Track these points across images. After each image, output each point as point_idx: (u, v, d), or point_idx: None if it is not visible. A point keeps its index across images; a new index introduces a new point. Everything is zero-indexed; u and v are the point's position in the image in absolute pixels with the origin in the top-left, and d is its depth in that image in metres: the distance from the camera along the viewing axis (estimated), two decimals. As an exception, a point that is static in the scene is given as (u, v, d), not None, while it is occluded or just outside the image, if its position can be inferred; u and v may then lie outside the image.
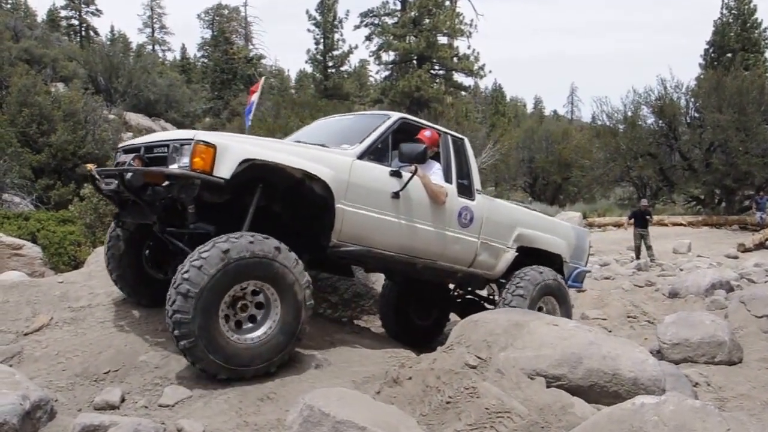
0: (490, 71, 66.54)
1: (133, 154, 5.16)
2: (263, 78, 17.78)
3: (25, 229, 12.91)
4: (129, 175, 4.94)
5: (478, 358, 4.33)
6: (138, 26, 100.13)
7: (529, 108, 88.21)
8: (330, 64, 48.40)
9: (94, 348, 5.20)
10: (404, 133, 6.13)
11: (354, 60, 58.70)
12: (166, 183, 4.74)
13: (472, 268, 6.45)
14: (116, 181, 5.11)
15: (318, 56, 48.11)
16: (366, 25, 46.32)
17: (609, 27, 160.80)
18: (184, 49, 73.89)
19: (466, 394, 3.86)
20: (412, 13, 43.59)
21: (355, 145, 5.58)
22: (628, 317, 9.36)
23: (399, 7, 45.58)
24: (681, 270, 14.61)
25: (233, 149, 4.66)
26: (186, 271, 4.28)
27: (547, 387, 4.21)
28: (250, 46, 63.14)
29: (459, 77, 46.42)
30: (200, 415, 4.03)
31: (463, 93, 49.37)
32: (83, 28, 67.06)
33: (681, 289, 10.46)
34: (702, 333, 6.41)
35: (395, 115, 6.09)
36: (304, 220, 5.40)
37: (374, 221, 5.49)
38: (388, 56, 46.02)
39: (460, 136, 6.66)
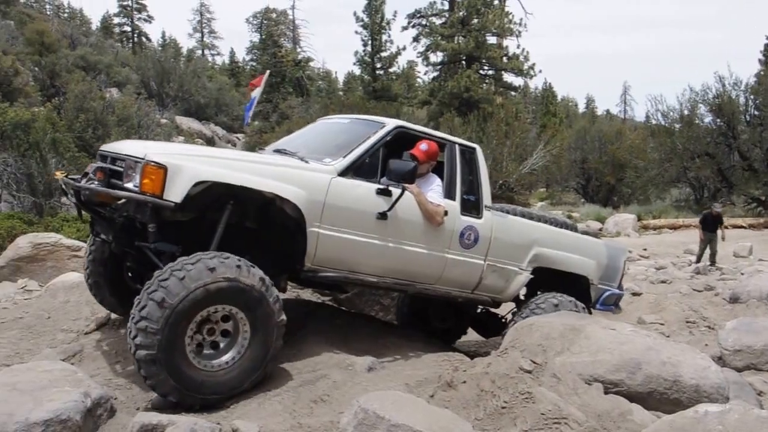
0: (540, 71, 65.94)
1: (97, 165, 4.91)
2: (267, 72, 17.05)
3: (83, 231, 13.22)
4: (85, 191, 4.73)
5: (534, 362, 4.27)
6: (188, 31, 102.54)
7: (581, 107, 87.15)
8: (378, 65, 48.42)
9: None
10: (404, 142, 5.69)
11: (402, 61, 58.92)
12: (121, 201, 4.58)
13: (477, 292, 5.96)
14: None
15: (366, 58, 48.18)
16: (414, 26, 46.14)
17: (663, 22, 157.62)
18: (233, 53, 75.10)
19: (522, 399, 3.80)
20: (461, 13, 43.29)
21: (338, 160, 5.07)
22: (687, 322, 9.07)
23: (447, 7, 45.30)
24: (742, 274, 14.12)
25: (186, 170, 4.29)
26: (144, 307, 4.01)
27: (605, 393, 4.13)
28: (298, 49, 63.80)
29: (509, 77, 45.91)
30: (254, 416, 4.07)
31: (513, 93, 48.85)
32: (135, 35, 68.77)
33: (742, 294, 10.08)
34: (766, 339, 6.19)
35: (391, 124, 5.52)
36: (277, 240, 5.06)
37: (356, 245, 5.04)
38: (437, 57, 45.76)
39: (471, 144, 6.07)
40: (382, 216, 5.09)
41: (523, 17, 45.48)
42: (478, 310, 7.22)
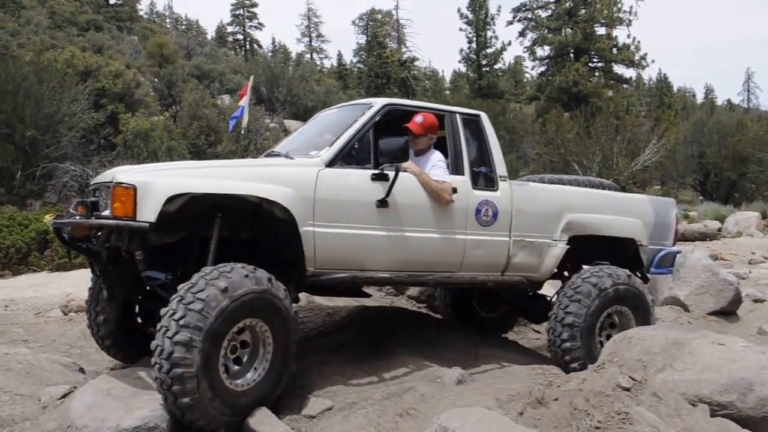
0: (652, 61, 62.97)
1: (78, 200, 4.76)
2: (251, 78, 16.11)
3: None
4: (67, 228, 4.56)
5: (632, 379, 4.03)
6: (296, 36, 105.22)
7: (699, 98, 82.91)
8: (483, 62, 47.95)
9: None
10: (397, 120, 5.23)
11: (508, 57, 58.04)
12: (96, 233, 4.37)
13: (508, 273, 5.43)
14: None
15: (471, 55, 47.81)
16: (519, 20, 45.41)
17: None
18: (340, 55, 76.68)
19: (618, 419, 3.58)
20: (567, 5, 42.24)
21: (324, 150, 4.72)
22: (819, 336, 8.35)
23: (553, -1, 44.37)
24: None
25: (156, 186, 4.01)
26: (183, 317, 3.75)
27: (711, 416, 3.84)
28: (404, 49, 64.09)
29: (619, 69, 44.39)
30: (338, 429, 4.07)
31: (624, 86, 47.15)
32: (247, 42, 71.25)
33: None
34: None
35: (378, 103, 5.08)
36: (277, 249, 4.73)
37: (358, 240, 4.65)
38: (543, 51, 44.93)
39: (474, 112, 5.57)
40: (382, 203, 4.68)
41: (633, 5, 43.72)
42: (529, 293, 6.36)
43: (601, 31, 42.71)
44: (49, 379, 4.87)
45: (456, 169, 5.19)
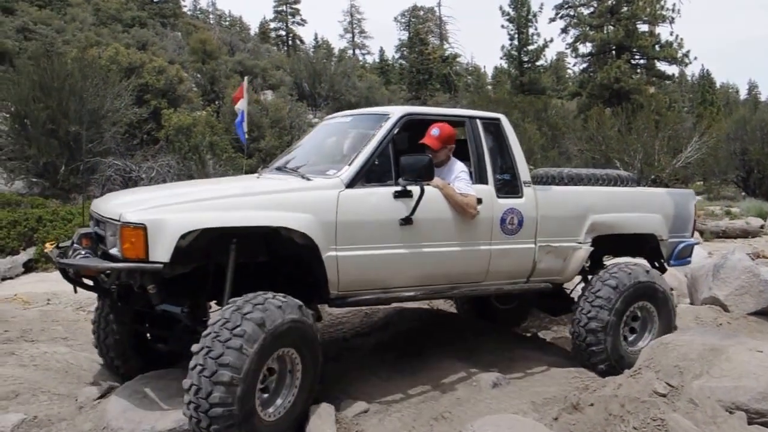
0: (695, 58, 61.63)
1: (82, 232, 4.50)
2: (246, 79, 14.89)
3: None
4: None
5: (669, 385, 4.01)
6: (339, 32, 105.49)
7: (743, 94, 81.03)
8: (525, 59, 47.65)
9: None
10: (414, 129, 5.08)
11: (550, 54, 57.44)
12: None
13: (532, 279, 5.31)
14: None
15: (513, 52, 47.55)
16: (561, 17, 44.91)
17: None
18: (382, 51, 76.64)
19: (654, 426, 3.59)
20: (610, 2, 41.62)
21: (343, 169, 4.44)
22: None
23: (595, -4, 43.81)
24: None
25: (168, 224, 3.77)
26: (221, 355, 3.58)
27: (749, 423, 3.82)
28: (446, 45, 63.96)
29: (662, 66, 43.63)
30: (374, 431, 4.10)
31: (666, 82, 46.36)
32: (290, 38, 71.69)
33: None
34: None
35: (395, 114, 4.78)
36: (296, 270, 4.51)
37: (382, 260, 4.45)
38: (585, 48, 44.40)
39: (494, 115, 5.30)
40: (406, 221, 4.46)
41: (676, 2, 42.80)
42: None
43: (643, 28, 42.05)
44: (87, 378, 4.96)
45: (479, 178, 4.98)
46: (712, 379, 4.13)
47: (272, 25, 72.95)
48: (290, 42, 71.42)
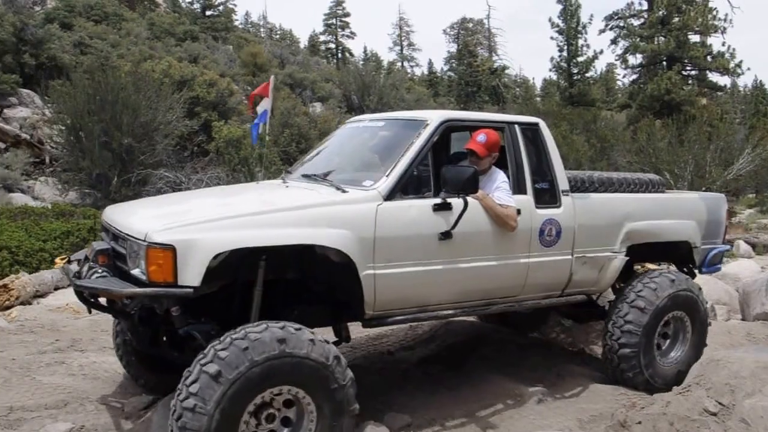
0: (748, 68, 60.09)
1: (98, 248, 4.08)
2: (273, 77, 13.48)
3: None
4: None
5: (719, 404, 3.96)
6: (388, 45, 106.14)
7: (798, 105, 78.66)
8: (574, 70, 47.17)
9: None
10: (455, 135, 4.90)
11: (600, 65, 56.72)
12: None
13: (567, 291, 5.13)
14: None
15: (562, 63, 47.12)
16: (611, 29, 44.36)
17: None
18: (431, 63, 76.77)
19: (703, 446, 3.56)
20: (660, 13, 40.89)
21: (381, 180, 4.17)
22: None
23: (645, 7, 43.10)
24: None
25: (200, 245, 3.50)
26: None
27: (803, 446, 3.74)
28: (494, 57, 63.74)
29: (713, 77, 42.77)
30: (415, 448, 4.10)
31: (718, 93, 45.40)
32: (339, 51, 72.36)
33: None
34: None
35: (435, 120, 4.50)
36: (328, 288, 4.26)
37: (418, 277, 4.19)
38: (635, 59, 43.78)
39: (533, 120, 5.08)
40: (446, 235, 4.22)
41: (728, 12, 41.87)
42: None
43: (695, 38, 41.29)
44: (133, 388, 5.03)
45: (518, 187, 4.75)
46: (765, 397, 4.02)
47: (322, 38, 73.79)
48: (340, 55, 72.01)
